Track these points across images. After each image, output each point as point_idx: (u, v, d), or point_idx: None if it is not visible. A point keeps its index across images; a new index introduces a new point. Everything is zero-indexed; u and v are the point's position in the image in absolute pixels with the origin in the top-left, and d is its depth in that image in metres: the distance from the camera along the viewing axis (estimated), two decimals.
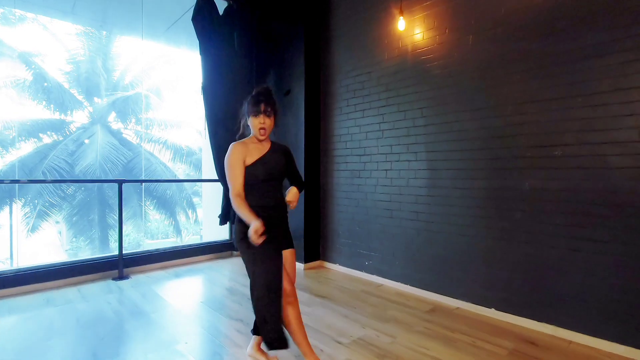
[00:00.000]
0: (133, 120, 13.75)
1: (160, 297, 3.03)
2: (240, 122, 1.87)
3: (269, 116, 1.73)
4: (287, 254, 1.83)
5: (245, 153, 1.73)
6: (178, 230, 14.10)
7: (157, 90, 14.56)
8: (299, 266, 3.92)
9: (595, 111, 2.16)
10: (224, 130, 4.22)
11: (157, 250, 4.04)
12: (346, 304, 2.87)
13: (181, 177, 15.21)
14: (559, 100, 2.30)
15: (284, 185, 1.88)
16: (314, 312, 2.70)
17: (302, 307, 2.79)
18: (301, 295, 3.04)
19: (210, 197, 5.44)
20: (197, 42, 4.10)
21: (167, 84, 15.11)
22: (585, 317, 2.21)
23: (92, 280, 3.46)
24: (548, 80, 2.35)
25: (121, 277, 3.55)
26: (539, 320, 2.40)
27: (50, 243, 14.53)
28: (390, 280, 3.34)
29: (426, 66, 3.03)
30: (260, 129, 1.72)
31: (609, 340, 2.12)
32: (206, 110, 4.13)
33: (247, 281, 3.54)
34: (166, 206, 13.38)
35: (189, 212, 14.31)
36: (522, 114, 2.47)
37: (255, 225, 1.52)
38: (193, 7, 4.13)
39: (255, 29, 4.51)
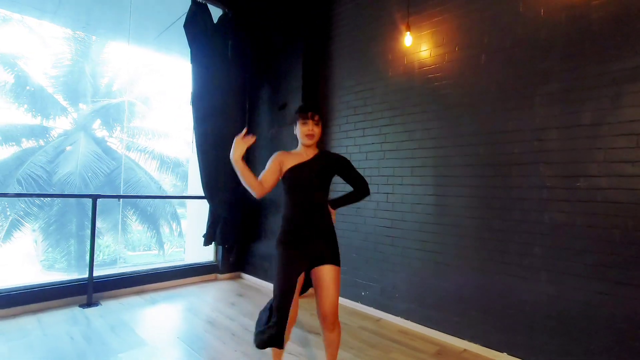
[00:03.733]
0: (119, 128, 13.30)
1: (133, 331, 2.66)
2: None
3: (317, 124, 1.80)
4: (322, 271, 1.74)
5: (283, 159, 1.80)
6: (161, 243, 13.53)
7: (146, 99, 14.19)
8: None
9: (627, 140, 1.97)
10: (212, 145, 3.93)
11: (132, 273, 3.67)
12: (345, 343, 2.55)
13: (167, 189, 14.70)
14: (584, 127, 2.11)
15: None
16: (309, 354, 2.38)
17: (294, 347, 2.48)
18: (293, 332, 2.72)
19: (196, 215, 5.08)
20: (188, 50, 3.86)
21: (156, 92, 14.78)
22: None
23: (56, 307, 3.07)
24: (572, 105, 2.16)
25: (89, 303, 3.16)
26: None
27: (25, 253, 13.72)
28: (390, 315, 3.04)
29: (435, 85, 2.83)
30: (308, 134, 1.78)
31: None
32: (195, 122, 3.85)
33: (231, 313, 3.18)
34: (149, 218, 12.85)
35: (173, 224, 13.79)
36: (542, 141, 2.27)
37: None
38: (186, 14, 3.91)
39: (250, 39, 4.30)
